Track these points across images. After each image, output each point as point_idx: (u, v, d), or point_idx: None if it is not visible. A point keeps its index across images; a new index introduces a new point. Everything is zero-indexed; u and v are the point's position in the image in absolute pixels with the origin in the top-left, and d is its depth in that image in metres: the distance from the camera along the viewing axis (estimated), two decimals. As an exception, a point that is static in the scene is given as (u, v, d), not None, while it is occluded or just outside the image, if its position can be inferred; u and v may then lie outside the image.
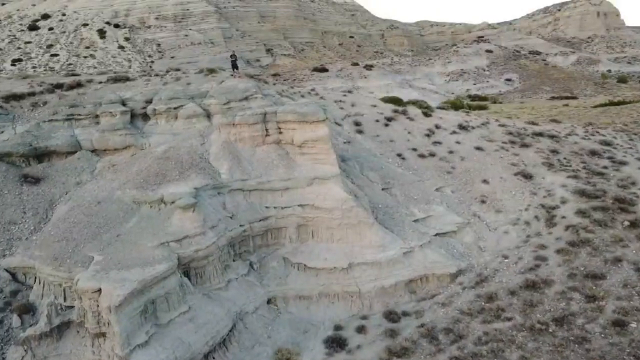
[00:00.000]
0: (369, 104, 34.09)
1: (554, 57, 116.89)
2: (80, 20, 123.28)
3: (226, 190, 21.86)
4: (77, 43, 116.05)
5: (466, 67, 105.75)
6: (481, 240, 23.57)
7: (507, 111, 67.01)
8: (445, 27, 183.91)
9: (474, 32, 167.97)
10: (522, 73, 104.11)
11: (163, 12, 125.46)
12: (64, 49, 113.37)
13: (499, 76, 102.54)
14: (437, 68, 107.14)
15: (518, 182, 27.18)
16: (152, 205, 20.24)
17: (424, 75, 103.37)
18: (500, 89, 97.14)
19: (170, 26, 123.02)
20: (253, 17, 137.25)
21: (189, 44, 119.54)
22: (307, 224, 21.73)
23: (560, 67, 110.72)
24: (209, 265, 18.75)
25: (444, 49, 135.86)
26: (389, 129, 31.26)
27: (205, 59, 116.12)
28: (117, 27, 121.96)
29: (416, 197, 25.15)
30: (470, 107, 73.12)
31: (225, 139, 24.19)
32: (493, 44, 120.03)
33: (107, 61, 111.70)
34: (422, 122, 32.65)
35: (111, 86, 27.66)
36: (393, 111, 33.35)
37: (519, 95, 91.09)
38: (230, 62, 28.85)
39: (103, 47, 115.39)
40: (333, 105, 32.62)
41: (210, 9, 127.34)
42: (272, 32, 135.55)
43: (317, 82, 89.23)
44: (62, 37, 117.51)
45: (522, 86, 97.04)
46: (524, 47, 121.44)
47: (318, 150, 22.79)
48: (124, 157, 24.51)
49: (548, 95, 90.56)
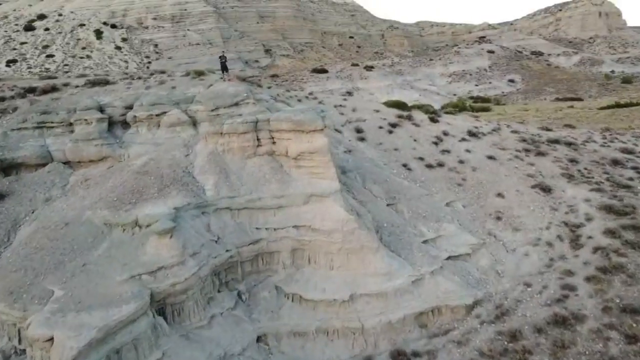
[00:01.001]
0: (371, 108, 31.28)
1: (557, 57, 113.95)
2: (77, 20, 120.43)
3: (211, 210, 19.07)
4: (74, 44, 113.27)
5: (468, 68, 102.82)
6: (499, 263, 20.77)
7: (511, 113, 64.22)
8: (446, 27, 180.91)
9: (475, 33, 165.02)
10: (524, 74, 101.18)
11: (161, 13, 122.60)
12: (60, 50, 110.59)
13: (502, 77, 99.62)
14: (438, 69, 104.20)
15: (536, 195, 24.39)
16: (125, 228, 17.44)
17: (425, 76, 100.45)
18: (502, 90, 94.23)
19: (168, 26, 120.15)
20: (252, 17, 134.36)
21: (187, 44, 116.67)
22: (303, 247, 18.93)
23: (563, 68, 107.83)
24: (188, 300, 15.95)
25: (444, 49, 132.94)
26: (393, 136, 28.46)
27: (203, 60, 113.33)
28: (114, 27, 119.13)
29: (425, 214, 22.34)
30: (472, 108, 70.54)
31: (212, 149, 21.39)
32: (495, 44, 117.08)
33: (104, 62, 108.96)
34: (428, 129, 29.84)
35: (89, 90, 24.86)
36: (397, 116, 30.54)
37: (522, 96, 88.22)
38: (220, 63, 25.99)
39: (100, 47, 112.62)
40: (333, 110, 29.82)
41: (208, 9, 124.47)
42: (271, 33, 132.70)
43: (316, 83, 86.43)
44: (58, 37, 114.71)
45: (525, 87, 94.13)
46: (526, 47, 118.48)
47: (316, 163, 19.98)
48: (100, 170, 21.71)
49: (552, 97, 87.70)
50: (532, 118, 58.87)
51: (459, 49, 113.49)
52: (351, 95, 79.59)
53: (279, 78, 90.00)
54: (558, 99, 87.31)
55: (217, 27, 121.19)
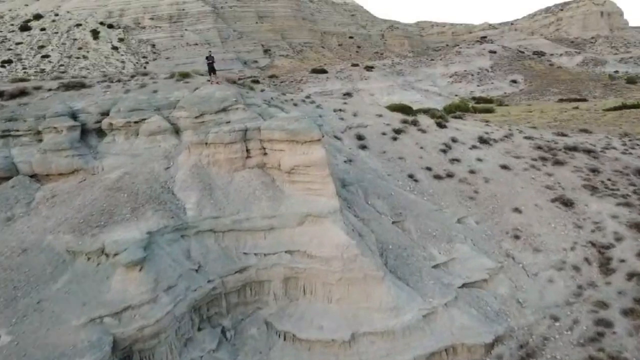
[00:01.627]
0: (373, 113, 28.63)
1: (559, 57, 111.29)
2: (73, 20, 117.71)
3: (192, 232, 16.45)
4: (70, 44, 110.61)
5: (469, 68, 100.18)
6: (519, 291, 18.14)
7: (515, 114, 61.65)
8: (446, 27, 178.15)
9: (475, 33, 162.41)
10: (527, 74, 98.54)
11: (158, 12, 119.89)
12: (56, 50, 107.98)
13: (504, 77, 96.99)
14: (439, 69, 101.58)
15: (557, 210, 21.78)
16: (89, 257, 14.83)
17: (426, 76, 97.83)
18: (505, 90, 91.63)
19: (165, 26, 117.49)
20: (251, 17, 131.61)
21: (184, 44, 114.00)
22: (298, 276, 16.31)
23: (566, 68, 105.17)
24: (160, 345, 13.35)
25: (446, 49, 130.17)
26: (398, 143, 25.82)
27: (201, 60, 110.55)
28: (111, 27, 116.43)
29: (434, 233, 19.72)
30: (475, 109, 67.93)
31: (196, 161, 18.76)
32: (496, 44, 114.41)
33: (100, 62, 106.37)
34: (436, 135, 27.20)
35: (62, 95, 22.22)
36: (401, 122, 27.89)
37: (526, 97, 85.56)
38: (207, 65, 23.33)
39: (96, 48, 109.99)
40: (332, 115, 27.17)
41: (206, 9, 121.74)
42: (270, 33, 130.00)
43: (315, 83, 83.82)
44: (54, 37, 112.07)
45: (527, 88, 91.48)
46: (528, 47, 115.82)
47: (312, 178, 17.37)
48: (71, 184, 19.07)
49: (555, 98, 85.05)
50: (537, 120, 56.37)
51: (460, 49, 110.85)
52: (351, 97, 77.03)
53: (277, 78, 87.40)
54: (562, 99, 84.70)
55: (215, 27, 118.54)
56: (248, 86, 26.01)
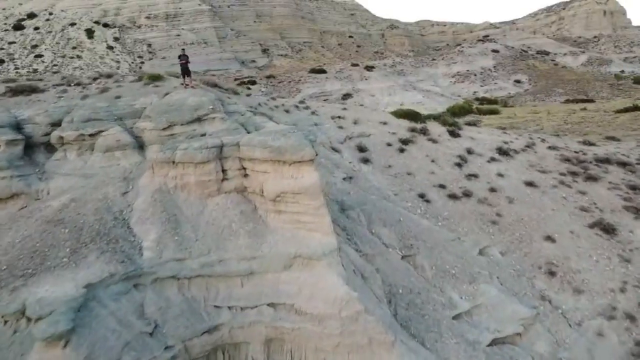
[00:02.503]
0: (376, 120, 24.78)
1: (563, 57, 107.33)
2: (68, 19, 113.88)
3: (149, 280, 12.64)
4: (64, 43, 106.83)
5: (472, 68, 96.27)
6: (562, 347, 14.35)
7: (522, 116, 57.94)
8: (447, 26, 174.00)
9: (476, 32, 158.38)
10: (531, 74, 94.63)
11: (154, 11, 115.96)
12: (49, 50, 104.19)
13: (507, 77, 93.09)
14: (441, 69, 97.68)
15: (597, 239, 17.98)
16: (7, 320, 11.03)
17: (428, 76, 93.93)
18: (509, 91, 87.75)
19: (161, 25, 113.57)
20: (249, 16, 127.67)
21: (181, 43, 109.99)
22: (283, 338, 12.52)
23: (571, 68, 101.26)
24: None
25: (447, 48, 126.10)
26: (406, 156, 21.99)
27: (198, 60, 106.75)
28: (106, 26, 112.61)
29: (454, 270, 15.92)
30: (480, 111, 64.10)
31: (160, 185, 14.95)
32: (499, 43, 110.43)
33: (95, 62, 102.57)
34: (449, 145, 23.37)
35: (8, 101, 18.41)
36: (409, 130, 24.06)
37: (531, 97, 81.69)
38: (180, 65, 19.44)
39: (91, 47, 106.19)
40: (329, 123, 23.32)
41: (203, 8, 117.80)
42: (268, 32, 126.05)
43: (314, 84, 79.98)
44: (48, 37, 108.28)
45: (532, 88, 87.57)
46: (531, 46, 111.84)
47: (302, 208, 13.55)
48: (7, 213, 15.26)
49: (561, 98, 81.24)
50: (546, 122, 52.51)
51: (462, 49, 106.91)
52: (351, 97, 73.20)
53: (275, 79, 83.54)
54: (568, 100, 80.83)
55: (213, 26, 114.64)
56: (231, 90, 22.14)
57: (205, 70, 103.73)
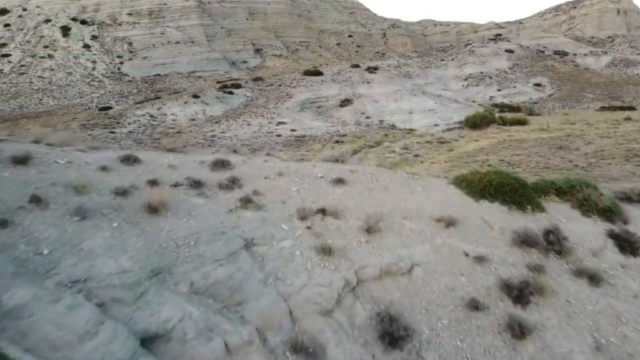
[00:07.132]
0: (428, 216, 11.27)
1: (584, 57, 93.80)
2: (42, 15, 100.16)
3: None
4: (35, 41, 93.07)
5: (486, 70, 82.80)
6: None
7: (557, 127, 44.12)
8: (450, 26, 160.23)
9: (480, 32, 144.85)
10: (552, 77, 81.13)
11: (137, 7, 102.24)
12: (19, 49, 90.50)
13: (526, 80, 79.61)
14: (451, 70, 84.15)
15: None
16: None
17: (437, 79, 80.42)
18: (530, 95, 74.25)
19: (144, 22, 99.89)
20: (241, 13, 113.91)
21: (165, 42, 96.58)
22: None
23: (594, 70, 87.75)
24: None
25: (457, 48, 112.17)
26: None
27: (183, 61, 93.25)
28: (84, 23, 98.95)
29: None
30: (504, 120, 50.78)
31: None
32: (513, 42, 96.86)
33: (68, 63, 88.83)
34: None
35: None
36: (526, 266, 10.56)
37: (558, 104, 68.23)
38: None
39: (65, 46, 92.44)
40: (304, 259, 9.76)
41: (191, 4, 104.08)
42: (262, 31, 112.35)
43: (308, 88, 66.40)
44: (19, 34, 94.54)
45: (558, 93, 74.11)
46: (547, 46, 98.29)
47: None
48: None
49: (594, 105, 67.77)
50: (594, 136, 38.73)
51: (473, 48, 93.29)
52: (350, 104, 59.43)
53: (263, 82, 69.96)
54: (604, 107, 67.49)
55: (201, 24, 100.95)
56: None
57: (190, 72, 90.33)
